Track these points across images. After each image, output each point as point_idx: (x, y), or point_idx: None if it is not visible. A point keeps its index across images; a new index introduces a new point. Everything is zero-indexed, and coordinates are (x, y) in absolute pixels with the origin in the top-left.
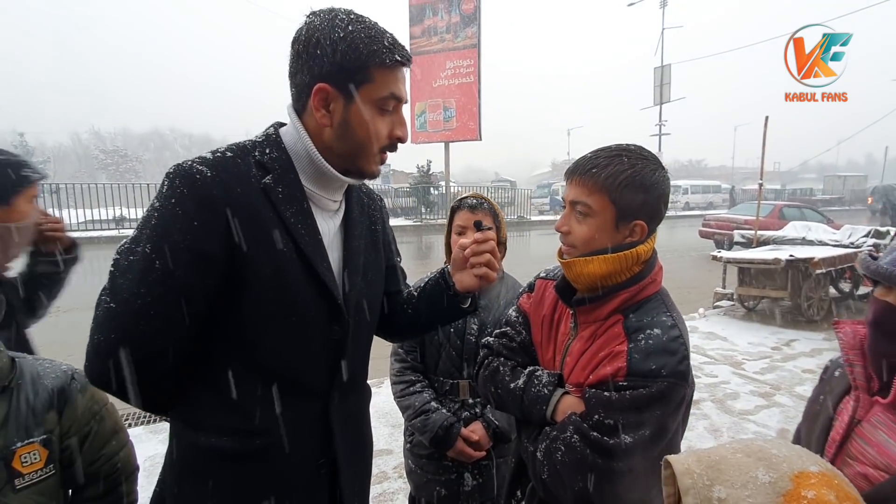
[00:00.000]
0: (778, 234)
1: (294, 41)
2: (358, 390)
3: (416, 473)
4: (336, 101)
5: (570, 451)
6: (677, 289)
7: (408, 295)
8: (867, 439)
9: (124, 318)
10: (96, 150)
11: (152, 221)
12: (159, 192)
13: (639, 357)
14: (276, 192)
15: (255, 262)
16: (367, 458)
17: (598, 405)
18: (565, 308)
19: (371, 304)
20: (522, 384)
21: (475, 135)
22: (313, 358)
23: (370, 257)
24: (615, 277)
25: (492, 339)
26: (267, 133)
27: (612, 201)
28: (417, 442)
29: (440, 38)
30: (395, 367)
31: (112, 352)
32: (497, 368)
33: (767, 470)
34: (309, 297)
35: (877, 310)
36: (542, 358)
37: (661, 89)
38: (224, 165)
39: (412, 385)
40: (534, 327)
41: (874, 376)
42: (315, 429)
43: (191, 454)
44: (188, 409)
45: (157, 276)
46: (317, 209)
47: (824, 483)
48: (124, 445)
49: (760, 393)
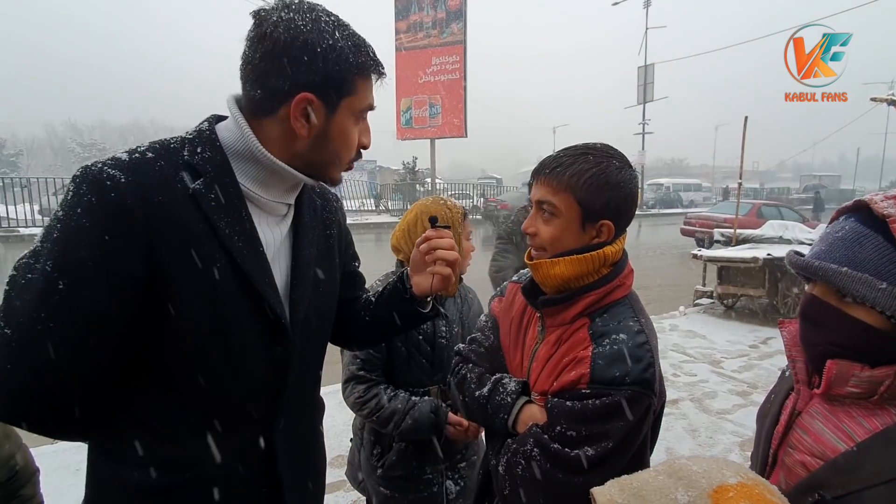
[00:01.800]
0: (756, 232)
1: (264, 36)
2: (308, 410)
3: (394, 499)
4: (318, 111)
5: (529, 465)
6: (658, 286)
7: (365, 301)
8: (805, 429)
9: (20, 347)
10: (73, 142)
11: (54, 234)
12: (64, 199)
13: (602, 363)
14: (208, 198)
15: (181, 280)
16: (319, 479)
17: (561, 415)
18: (534, 312)
19: (323, 318)
20: (487, 392)
21: (461, 131)
22: (252, 383)
23: (323, 266)
24: (583, 279)
25: (462, 346)
26: (199, 129)
27: (577, 200)
28: (391, 464)
29: (426, 33)
30: (358, 390)
31: (5, 384)
32: (465, 376)
33: (686, 489)
34: (247, 318)
35: (804, 302)
36: (511, 363)
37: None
38: (142, 168)
39: (384, 394)
40: (502, 331)
41: (814, 371)
42: (254, 456)
43: (108, 490)
44: (107, 437)
45: (60, 300)
46: (260, 216)
47: (742, 495)
48: (18, 448)
49: (738, 391)
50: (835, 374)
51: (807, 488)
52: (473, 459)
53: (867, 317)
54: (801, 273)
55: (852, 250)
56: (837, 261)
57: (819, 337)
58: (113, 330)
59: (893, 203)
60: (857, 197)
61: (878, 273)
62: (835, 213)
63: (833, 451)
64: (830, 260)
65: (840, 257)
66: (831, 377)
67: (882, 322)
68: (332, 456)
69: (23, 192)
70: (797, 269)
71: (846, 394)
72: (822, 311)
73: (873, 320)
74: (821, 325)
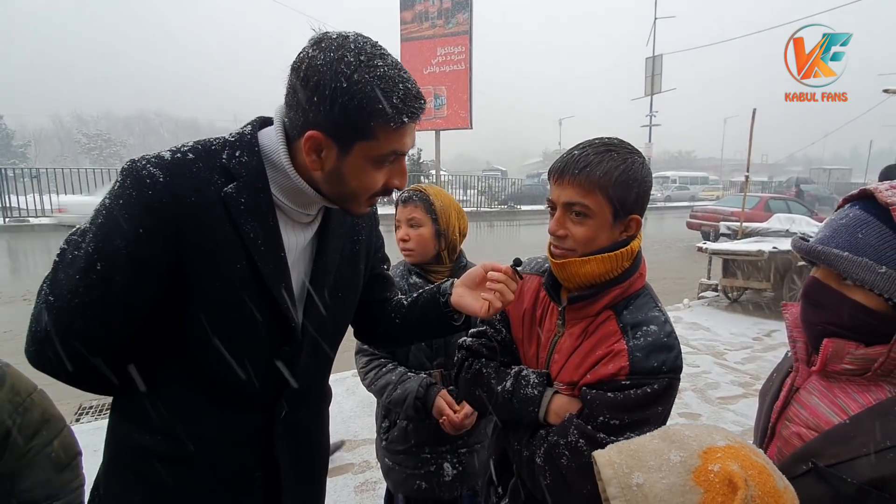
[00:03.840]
0: (762, 225)
1: (292, 69)
2: (312, 402)
3: (395, 471)
4: (329, 150)
5: (575, 455)
6: (663, 279)
7: (397, 304)
8: (802, 403)
9: (60, 314)
10: (79, 133)
11: (99, 220)
12: (112, 188)
13: (640, 355)
14: (238, 202)
15: (204, 278)
16: (317, 469)
17: (603, 406)
18: (549, 302)
19: (338, 321)
20: (511, 386)
21: (466, 123)
22: (259, 375)
23: (345, 273)
24: (609, 274)
25: (469, 340)
26: (242, 132)
27: (609, 199)
28: (394, 438)
29: (431, 23)
30: (362, 361)
31: (47, 343)
32: (480, 371)
33: (679, 450)
34: (259, 317)
35: (807, 284)
36: (525, 355)
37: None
38: (180, 169)
39: (384, 367)
40: (514, 324)
41: (813, 350)
42: (254, 441)
43: (123, 447)
44: (127, 401)
45: (96, 279)
46: (286, 220)
47: (729, 455)
48: (58, 433)
49: (740, 383)
50: (831, 350)
51: (801, 457)
52: (476, 447)
53: (866, 299)
54: (805, 256)
55: (854, 236)
56: (840, 245)
57: (819, 317)
58: (137, 310)
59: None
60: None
61: (878, 258)
62: (841, 200)
63: (827, 424)
64: (833, 245)
65: (842, 242)
66: (828, 354)
67: (880, 304)
68: (340, 440)
69: (32, 183)
70: (801, 252)
71: (841, 370)
72: (823, 292)
73: (871, 302)
74: (822, 306)
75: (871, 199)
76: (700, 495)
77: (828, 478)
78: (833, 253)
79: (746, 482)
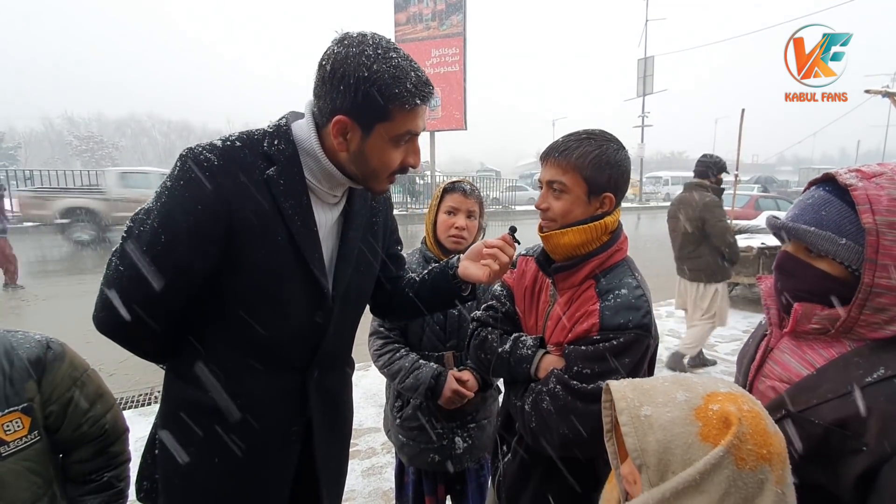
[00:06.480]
0: (752, 223)
1: (320, 64)
2: (339, 366)
3: (409, 446)
4: (354, 132)
5: (554, 399)
6: (657, 276)
7: (409, 280)
8: (776, 361)
9: (128, 282)
10: (70, 135)
11: (163, 199)
12: (171, 171)
13: (609, 314)
14: (279, 183)
15: (250, 248)
16: (345, 426)
17: (577, 358)
18: (545, 280)
19: (360, 291)
20: (509, 348)
21: (461, 124)
22: (295, 337)
23: (366, 247)
24: (587, 246)
25: (479, 313)
26: (278, 124)
27: (584, 178)
28: (408, 416)
29: (425, 25)
30: (377, 343)
31: (113, 308)
32: (486, 337)
33: (685, 392)
34: (297, 284)
35: (779, 257)
36: (526, 325)
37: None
38: (231, 154)
39: (397, 352)
40: (517, 299)
41: (785, 315)
42: (291, 398)
43: (177, 403)
44: (180, 363)
45: (160, 251)
46: (317, 201)
47: (729, 400)
48: (110, 408)
49: (730, 373)
50: (801, 313)
51: (775, 406)
52: (484, 423)
53: (830, 267)
54: (777, 232)
55: (819, 213)
56: (807, 222)
57: (790, 285)
58: (196, 278)
59: (854, 175)
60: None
61: (839, 231)
62: (807, 184)
63: (797, 376)
64: (801, 221)
65: (809, 219)
66: (798, 316)
67: (841, 271)
68: None
69: (26, 185)
70: (774, 229)
71: (809, 330)
72: (793, 263)
73: (835, 270)
74: (792, 275)
75: (833, 182)
76: (698, 427)
77: (799, 422)
78: (801, 228)
79: (740, 420)
